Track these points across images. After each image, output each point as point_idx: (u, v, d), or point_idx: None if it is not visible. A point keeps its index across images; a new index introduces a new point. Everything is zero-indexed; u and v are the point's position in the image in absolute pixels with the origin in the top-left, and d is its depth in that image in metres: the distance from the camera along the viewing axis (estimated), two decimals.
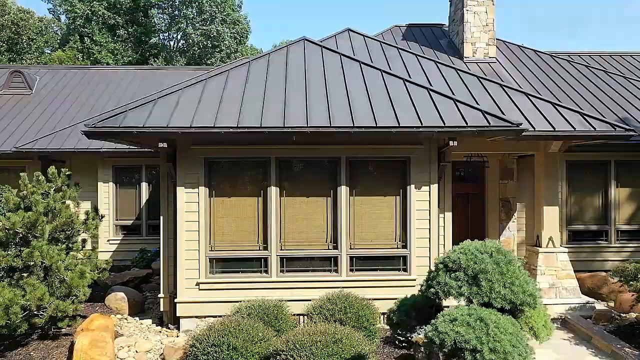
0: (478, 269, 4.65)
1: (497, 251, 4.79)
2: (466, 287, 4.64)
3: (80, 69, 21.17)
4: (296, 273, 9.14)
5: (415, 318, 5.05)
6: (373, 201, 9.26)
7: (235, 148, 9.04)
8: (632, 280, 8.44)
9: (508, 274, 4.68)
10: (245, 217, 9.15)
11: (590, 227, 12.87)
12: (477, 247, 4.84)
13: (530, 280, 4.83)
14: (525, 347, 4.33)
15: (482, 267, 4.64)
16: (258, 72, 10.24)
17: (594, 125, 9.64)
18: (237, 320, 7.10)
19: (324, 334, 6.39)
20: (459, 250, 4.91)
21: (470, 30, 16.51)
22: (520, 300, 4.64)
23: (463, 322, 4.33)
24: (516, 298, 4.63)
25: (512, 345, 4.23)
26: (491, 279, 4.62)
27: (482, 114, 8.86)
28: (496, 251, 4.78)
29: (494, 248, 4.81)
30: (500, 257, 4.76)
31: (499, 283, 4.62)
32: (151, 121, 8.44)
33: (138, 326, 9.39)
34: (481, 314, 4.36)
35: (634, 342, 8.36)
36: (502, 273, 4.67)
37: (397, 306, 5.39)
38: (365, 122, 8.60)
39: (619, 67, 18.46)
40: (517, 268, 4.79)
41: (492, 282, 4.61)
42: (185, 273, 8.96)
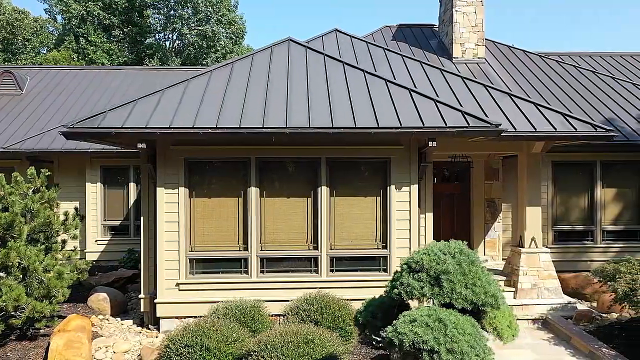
0: (440, 270, 4.65)
1: (460, 252, 4.79)
2: (428, 288, 4.64)
3: (71, 69, 21.16)
4: (276, 273, 9.15)
5: (381, 319, 5.04)
6: (353, 202, 9.26)
7: (215, 149, 9.05)
8: (610, 280, 8.44)
9: (470, 275, 4.68)
10: (225, 217, 9.15)
11: (576, 228, 12.87)
12: (440, 247, 4.85)
13: (493, 281, 4.83)
14: (484, 347, 4.33)
15: (444, 268, 4.64)
16: (241, 72, 10.25)
17: (575, 125, 9.64)
18: (212, 321, 7.11)
19: (296, 335, 6.40)
20: (422, 251, 4.91)
21: (459, 31, 16.54)
22: (482, 301, 4.64)
23: (422, 323, 4.33)
24: (477, 299, 4.63)
25: (470, 346, 4.24)
26: (453, 279, 4.62)
27: (462, 114, 8.87)
28: (459, 252, 4.78)
29: (458, 249, 4.81)
30: (463, 258, 4.76)
31: (460, 284, 4.63)
32: (130, 122, 8.44)
33: (119, 327, 9.39)
34: (440, 314, 4.37)
35: (612, 342, 8.37)
36: (464, 274, 4.67)
37: (364, 307, 5.39)
38: (344, 123, 8.61)
39: (609, 68, 18.49)
40: (480, 269, 4.80)
41: (453, 282, 4.62)
42: (165, 274, 8.96)
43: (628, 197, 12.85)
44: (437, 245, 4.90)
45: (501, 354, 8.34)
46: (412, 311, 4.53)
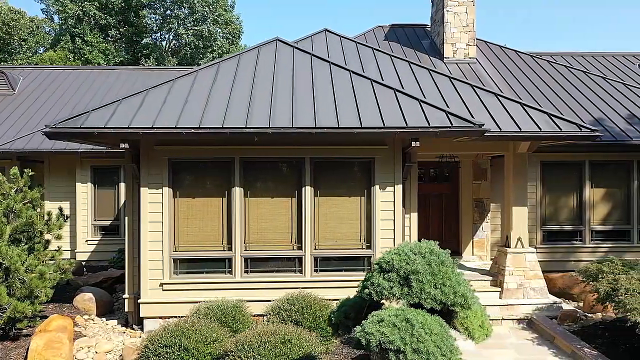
0: (410, 270, 4.65)
1: (431, 252, 4.79)
2: (397, 288, 4.64)
3: (64, 69, 21.14)
4: (260, 273, 9.15)
5: (353, 319, 5.04)
6: (338, 202, 9.26)
7: (199, 149, 9.05)
8: (593, 280, 8.45)
9: (440, 275, 4.68)
10: (209, 217, 9.15)
11: (565, 228, 12.85)
12: (411, 247, 4.84)
13: (463, 281, 4.83)
14: (451, 347, 4.33)
15: (413, 268, 4.64)
16: (227, 72, 10.25)
17: (560, 125, 9.64)
18: (192, 321, 7.11)
19: (274, 335, 6.40)
20: (393, 251, 4.91)
21: (451, 31, 16.54)
22: (451, 301, 4.64)
23: (389, 323, 4.33)
24: (447, 299, 4.63)
25: (436, 346, 4.24)
26: (422, 279, 4.62)
27: (446, 114, 8.87)
28: (429, 252, 4.78)
29: (428, 249, 4.81)
30: (433, 258, 4.76)
31: (429, 284, 4.62)
32: (113, 122, 8.44)
33: (103, 327, 9.39)
34: (408, 314, 4.36)
35: (595, 342, 8.37)
36: (433, 274, 4.67)
37: (337, 307, 5.39)
38: (328, 123, 8.61)
39: (601, 68, 18.50)
40: (451, 269, 4.79)
41: (422, 282, 4.61)
42: (148, 274, 8.96)
43: (616, 197, 12.84)
44: (408, 246, 4.90)
45: (484, 354, 8.37)
46: (380, 311, 4.53)
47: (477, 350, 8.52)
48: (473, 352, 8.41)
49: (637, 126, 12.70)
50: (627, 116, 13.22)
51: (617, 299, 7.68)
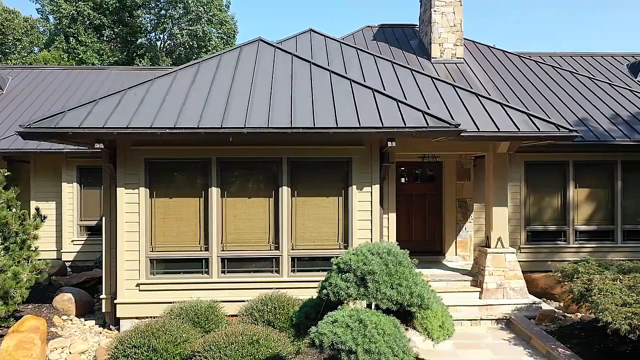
0: (366, 270, 4.64)
1: (388, 252, 4.78)
2: (354, 289, 4.63)
3: (54, 69, 21.11)
4: (237, 274, 9.14)
5: (314, 319, 5.01)
6: (315, 202, 9.25)
7: (176, 149, 9.04)
8: (569, 280, 8.45)
9: (396, 275, 4.67)
10: (186, 217, 9.14)
11: (549, 228, 12.83)
12: (369, 248, 4.84)
13: (421, 282, 4.82)
14: (403, 347, 4.32)
15: (370, 269, 4.63)
16: (206, 72, 10.24)
17: (538, 125, 9.64)
18: (162, 322, 7.10)
19: (242, 335, 6.40)
20: (352, 251, 4.90)
21: (438, 31, 16.54)
22: (408, 301, 4.63)
23: (342, 324, 4.32)
24: (403, 299, 4.62)
25: (389, 346, 4.23)
26: (378, 280, 4.61)
27: (423, 114, 8.86)
28: (387, 252, 4.77)
29: (386, 249, 4.80)
30: (390, 259, 4.75)
31: (385, 284, 4.62)
32: (88, 122, 8.43)
33: (81, 327, 9.38)
34: (361, 315, 4.36)
35: (571, 343, 8.37)
36: (390, 274, 4.66)
37: (299, 307, 5.38)
38: (304, 123, 8.60)
39: (589, 68, 18.51)
40: (408, 270, 4.78)
41: (379, 283, 4.61)
42: (125, 274, 8.95)
43: (600, 197, 12.83)
44: (367, 246, 4.89)
45: (460, 354, 8.37)
46: (335, 312, 4.53)
47: (453, 350, 8.53)
48: (449, 352, 8.43)
49: (621, 126, 12.70)
50: (612, 116, 13.22)
51: (591, 299, 7.69)
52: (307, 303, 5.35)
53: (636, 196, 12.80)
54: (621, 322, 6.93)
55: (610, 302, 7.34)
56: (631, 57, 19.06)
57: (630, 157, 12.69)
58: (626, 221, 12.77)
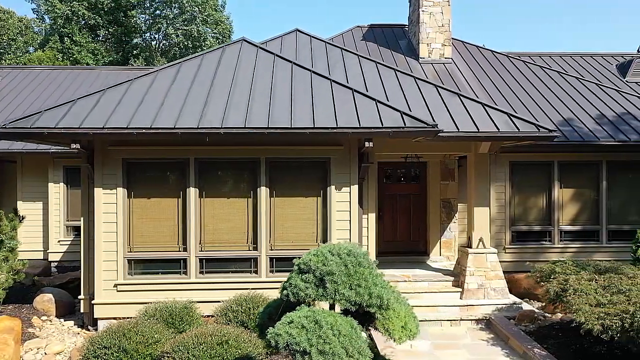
0: (325, 271, 4.63)
1: (349, 253, 4.76)
2: (312, 289, 4.62)
3: (43, 68, 21.10)
4: (216, 274, 9.13)
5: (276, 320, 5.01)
6: (294, 202, 9.24)
7: (154, 149, 9.02)
8: (545, 281, 8.44)
9: (356, 276, 4.66)
10: (165, 218, 9.13)
11: (534, 228, 12.82)
12: (330, 249, 4.82)
13: (381, 282, 4.81)
14: (359, 348, 4.31)
15: (328, 269, 4.62)
16: (187, 72, 10.23)
17: (518, 125, 9.63)
18: (135, 322, 7.08)
19: (211, 336, 6.38)
20: (312, 252, 4.89)
21: (426, 31, 16.54)
22: (366, 302, 4.62)
23: (298, 324, 4.31)
24: (361, 300, 4.61)
25: (343, 347, 4.22)
26: (337, 280, 4.60)
27: (401, 114, 8.85)
28: (347, 253, 4.75)
29: (346, 250, 4.79)
30: (350, 259, 4.73)
31: (344, 285, 4.60)
32: (64, 122, 8.41)
33: (59, 328, 9.36)
34: (317, 316, 4.35)
35: (548, 343, 8.36)
36: (349, 275, 4.65)
37: (263, 308, 5.37)
38: (281, 123, 8.59)
39: (578, 69, 18.52)
40: (368, 270, 4.77)
41: (337, 283, 4.59)
42: (102, 274, 8.94)
43: (585, 198, 12.82)
44: (327, 247, 4.88)
45: (436, 354, 8.37)
46: (292, 312, 4.52)
47: (431, 350, 8.53)
48: (426, 352, 8.42)
49: (606, 127, 12.69)
50: (597, 117, 13.22)
51: (565, 299, 7.68)
52: (271, 304, 5.35)
53: (621, 196, 12.80)
54: (594, 322, 6.91)
55: (584, 302, 7.32)
56: (620, 57, 19.08)
57: (615, 157, 12.69)
58: (611, 221, 12.77)
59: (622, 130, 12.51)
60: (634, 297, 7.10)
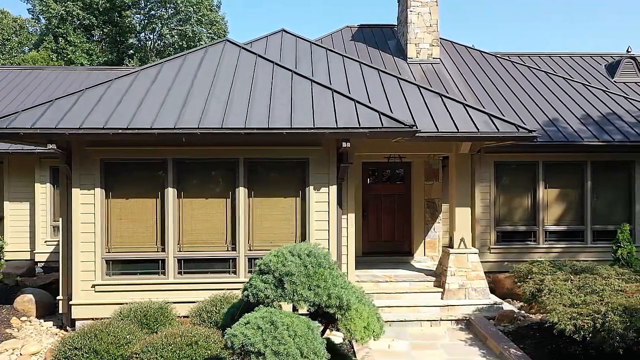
0: (284, 272, 4.62)
1: (309, 254, 4.75)
2: (271, 290, 4.61)
3: (34, 69, 21.08)
4: (194, 275, 9.12)
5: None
6: (273, 202, 9.23)
7: (132, 149, 9.01)
8: (522, 281, 8.44)
9: (315, 277, 4.65)
10: (143, 218, 9.11)
11: (519, 228, 12.81)
12: (290, 249, 4.81)
13: (342, 283, 4.80)
14: (314, 349, 4.29)
15: (287, 270, 4.61)
16: (168, 72, 10.22)
17: (498, 126, 9.62)
18: (107, 323, 7.07)
19: (181, 336, 6.37)
20: (273, 252, 4.88)
21: (414, 31, 16.54)
22: (325, 303, 4.61)
23: (254, 325, 4.30)
24: (320, 300, 4.60)
25: (298, 348, 4.21)
26: (295, 281, 4.59)
27: (379, 115, 8.84)
28: (307, 254, 4.74)
29: (307, 251, 4.77)
30: (310, 260, 4.72)
31: (303, 285, 4.60)
32: (41, 122, 8.40)
33: (38, 328, 9.35)
34: (274, 316, 4.34)
35: (525, 343, 8.36)
36: (308, 276, 4.64)
37: (227, 310, 5.36)
38: (258, 124, 8.58)
39: (567, 69, 18.55)
40: (328, 271, 4.76)
41: (296, 284, 4.58)
42: (80, 275, 8.92)
43: (571, 198, 12.81)
44: (288, 247, 4.87)
45: (414, 354, 8.36)
46: (250, 313, 4.51)
47: (408, 350, 8.53)
48: (403, 353, 8.43)
49: (591, 127, 12.69)
50: (582, 117, 13.21)
51: (540, 300, 7.68)
52: (235, 304, 5.33)
53: (606, 197, 12.80)
54: (566, 322, 6.92)
55: (558, 302, 7.33)
56: (609, 57, 19.09)
57: (600, 157, 12.69)
58: (596, 222, 12.76)
59: (607, 130, 12.51)
60: (606, 297, 7.11)
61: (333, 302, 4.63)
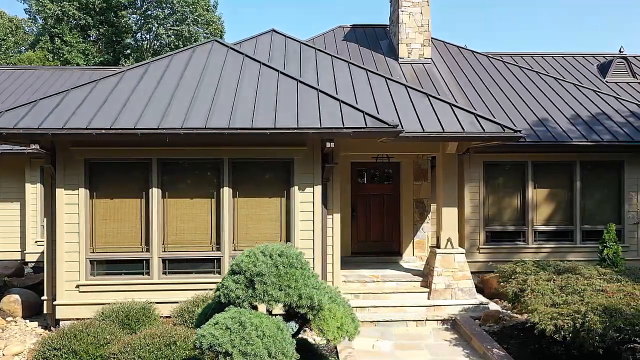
0: (255, 272, 4.62)
1: (280, 254, 4.75)
2: (242, 290, 4.61)
3: (26, 69, 21.06)
4: (179, 275, 9.11)
5: None
6: (257, 202, 9.23)
7: (116, 149, 9.00)
8: (505, 281, 8.44)
9: (286, 277, 4.64)
10: (128, 219, 9.11)
11: (508, 228, 12.81)
12: (262, 249, 4.81)
13: (314, 283, 4.79)
14: (283, 349, 4.29)
15: (258, 270, 4.60)
16: (155, 72, 10.21)
17: (483, 126, 9.62)
18: (88, 323, 7.06)
19: (160, 337, 6.36)
20: (245, 253, 4.88)
21: (405, 31, 16.53)
22: (295, 303, 4.61)
23: (223, 325, 4.30)
24: (291, 300, 4.60)
25: (266, 348, 4.20)
26: (266, 281, 4.58)
27: (363, 115, 8.84)
28: (279, 254, 4.74)
29: (278, 251, 4.77)
30: (282, 260, 4.72)
31: (274, 286, 4.59)
32: (24, 122, 8.39)
33: (23, 329, 9.33)
34: (243, 317, 4.33)
35: (509, 343, 8.37)
36: (279, 276, 4.63)
37: (202, 310, 5.36)
38: (242, 124, 8.57)
39: (559, 69, 18.56)
40: (300, 271, 4.75)
41: (266, 284, 4.58)
42: (64, 275, 8.91)
43: (559, 198, 12.82)
44: (261, 247, 4.86)
45: (397, 354, 8.35)
46: (220, 313, 4.50)
47: (392, 350, 8.52)
48: (386, 353, 8.42)
49: (580, 127, 12.69)
50: (572, 117, 13.21)
51: (522, 300, 7.67)
52: (210, 305, 5.33)
53: (595, 197, 12.81)
54: (547, 322, 6.92)
55: (540, 302, 7.32)
56: (602, 57, 19.09)
57: (589, 157, 12.69)
58: (585, 222, 12.77)
59: (596, 130, 12.52)
60: (587, 297, 7.11)
61: (304, 302, 4.63)
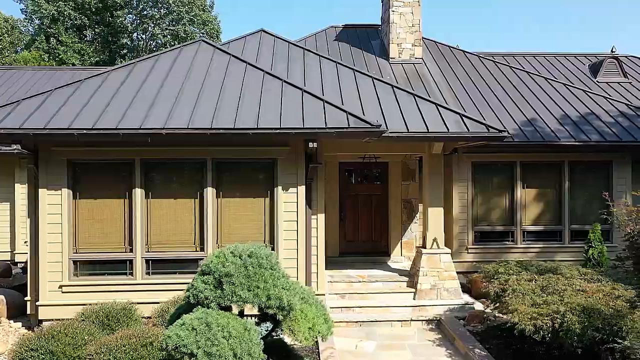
0: (224, 272, 4.61)
1: (250, 254, 4.74)
2: (211, 291, 4.60)
3: (19, 69, 21.04)
4: (162, 275, 9.10)
5: None
6: (241, 203, 9.21)
7: (99, 150, 8.98)
8: (489, 281, 8.43)
9: (255, 278, 4.63)
10: (111, 219, 9.09)
11: (497, 228, 12.78)
12: (232, 250, 4.80)
13: (284, 284, 4.78)
14: (249, 350, 4.28)
15: (227, 271, 4.59)
16: (139, 72, 10.19)
17: (468, 126, 9.61)
18: (67, 324, 7.04)
19: (136, 337, 6.34)
20: (215, 253, 4.87)
21: (396, 31, 16.50)
22: (264, 304, 4.60)
23: (189, 326, 4.29)
24: (259, 301, 4.59)
25: (231, 349, 4.19)
26: (235, 282, 4.57)
27: (346, 115, 8.83)
28: (248, 254, 4.73)
29: (248, 251, 4.76)
30: (251, 261, 4.71)
31: (242, 287, 4.58)
32: (5, 122, 8.38)
33: (7, 329, 9.31)
34: (209, 317, 4.32)
35: (492, 343, 8.36)
36: (248, 276, 4.62)
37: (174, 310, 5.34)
38: (225, 124, 8.56)
39: (551, 69, 18.52)
40: (269, 272, 4.74)
41: (235, 285, 4.57)
42: (47, 275, 8.89)
43: (548, 198, 12.80)
44: (230, 248, 4.85)
45: (380, 355, 8.33)
46: (188, 314, 4.49)
47: (374, 351, 8.51)
48: (369, 353, 8.42)
49: (569, 127, 12.67)
50: (561, 117, 13.20)
51: (503, 300, 7.67)
52: (182, 305, 5.31)
53: (584, 197, 12.78)
54: (527, 322, 6.91)
55: (521, 302, 7.31)
56: (594, 57, 19.07)
57: (577, 157, 12.68)
58: (573, 221, 12.75)
59: (584, 130, 12.51)
60: (567, 297, 7.10)
61: (273, 302, 4.62)
